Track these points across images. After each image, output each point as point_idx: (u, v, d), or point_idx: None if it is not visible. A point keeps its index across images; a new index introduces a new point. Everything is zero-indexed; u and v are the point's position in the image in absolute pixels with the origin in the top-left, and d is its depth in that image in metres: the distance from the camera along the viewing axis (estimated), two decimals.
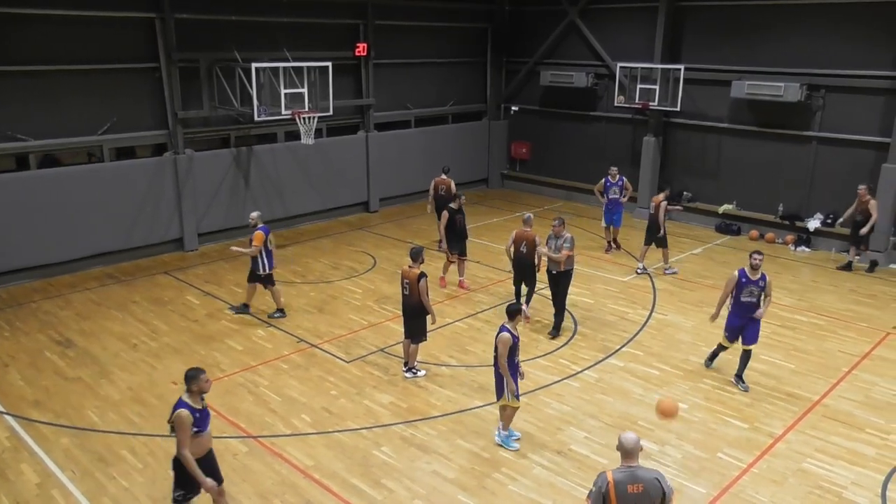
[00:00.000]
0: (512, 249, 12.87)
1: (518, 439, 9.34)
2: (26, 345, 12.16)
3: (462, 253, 14.94)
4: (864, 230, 15.89)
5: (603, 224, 17.53)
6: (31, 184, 14.84)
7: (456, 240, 14.79)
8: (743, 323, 10.72)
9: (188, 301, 14.17)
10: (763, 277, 10.55)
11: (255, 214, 13.14)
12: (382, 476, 8.63)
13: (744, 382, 10.83)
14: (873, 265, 16.39)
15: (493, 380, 9.20)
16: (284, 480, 8.57)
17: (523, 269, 12.93)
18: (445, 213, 14.75)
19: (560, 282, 12.50)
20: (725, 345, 11.16)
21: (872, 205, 15.81)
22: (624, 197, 17.38)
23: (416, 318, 10.96)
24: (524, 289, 13.17)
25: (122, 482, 8.50)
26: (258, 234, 12.84)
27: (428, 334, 11.13)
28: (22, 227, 14.71)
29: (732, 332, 10.93)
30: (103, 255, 16.06)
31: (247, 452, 9.13)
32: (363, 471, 8.73)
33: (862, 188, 15.98)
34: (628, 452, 5.81)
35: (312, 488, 8.43)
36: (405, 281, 10.89)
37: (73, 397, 10.45)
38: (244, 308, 13.49)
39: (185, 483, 7.09)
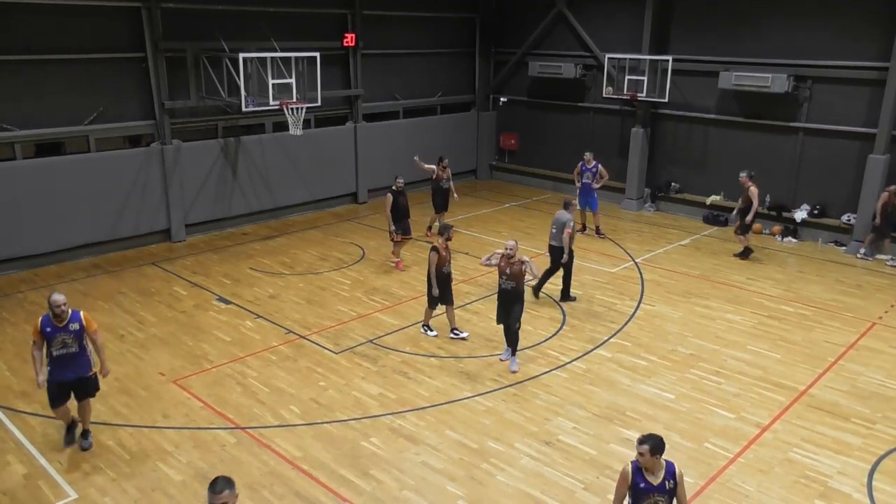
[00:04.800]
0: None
1: None
2: (13, 335, 12.09)
3: (406, 232, 15.36)
4: (748, 218, 15.85)
5: (578, 207, 17.60)
6: (17, 174, 14.73)
7: (400, 220, 15.17)
8: None
9: (175, 292, 14.12)
10: None
11: (59, 298, 8.36)
12: (371, 467, 8.64)
13: None
14: (747, 252, 16.47)
15: (479, 370, 9.16)
16: (273, 471, 8.57)
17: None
18: (389, 196, 15.07)
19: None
20: None
21: (752, 192, 15.75)
22: (596, 184, 17.74)
23: (445, 286, 11.95)
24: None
25: (109, 473, 8.47)
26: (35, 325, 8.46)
27: (417, 325, 11.22)
28: (8, 218, 14.61)
29: None
30: (90, 246, 15.97)
31: (235, 443, 9.12)
32: (352, 462, 8.73)
33: (743, 175, 16.02)
34: None
35: (301, 479, 8.42)
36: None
37: None
38: (85, 435, 9.05)
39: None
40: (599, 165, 17.75)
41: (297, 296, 13.99)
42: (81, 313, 8.54)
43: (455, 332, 12.12)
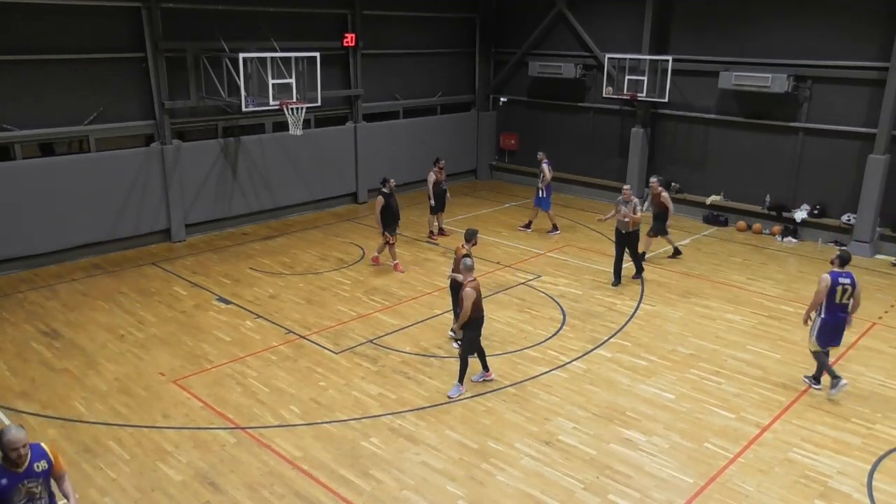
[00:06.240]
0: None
1: None
2: (13, 335, 12.09)
3: (393, 233, 15.29)
4: (669, 223, 15.87)
5: None
6: (17, 174, 14.73)
7: (392, 222, 15.12)
8: None
9: (175, 292, 14.12)
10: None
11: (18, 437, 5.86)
12: (371, 467, 8.64)
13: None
14: (676, 252, 16.52)
15: (479, 370, 9.13)
16: (273, 471, 8.56)
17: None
18: (380, 198, 15.02)
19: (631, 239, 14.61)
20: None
21: (665, 197, 15.82)
22: (541, 182, 18.00)
23: (456, 295, 11.40)
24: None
25: (109, 473, 8.47)
26: None
27: (417, 325, 11.12)
28: (8, 218, 14.60)
29: None
30: (90, 246, 15.97)
31: (235, 443, 9.11)
32: (352, 462, 8.74)
33: (654, 181, 16.09)
34: None
35: (301, 479, 8.42)
36: (455, 257, 11.49)
37: (60, 388, 10.40)
38: None
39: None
40: (543, 165, 17.99)
41: (297, 296, 13.99)
42: (44, 446, 6.05)
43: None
